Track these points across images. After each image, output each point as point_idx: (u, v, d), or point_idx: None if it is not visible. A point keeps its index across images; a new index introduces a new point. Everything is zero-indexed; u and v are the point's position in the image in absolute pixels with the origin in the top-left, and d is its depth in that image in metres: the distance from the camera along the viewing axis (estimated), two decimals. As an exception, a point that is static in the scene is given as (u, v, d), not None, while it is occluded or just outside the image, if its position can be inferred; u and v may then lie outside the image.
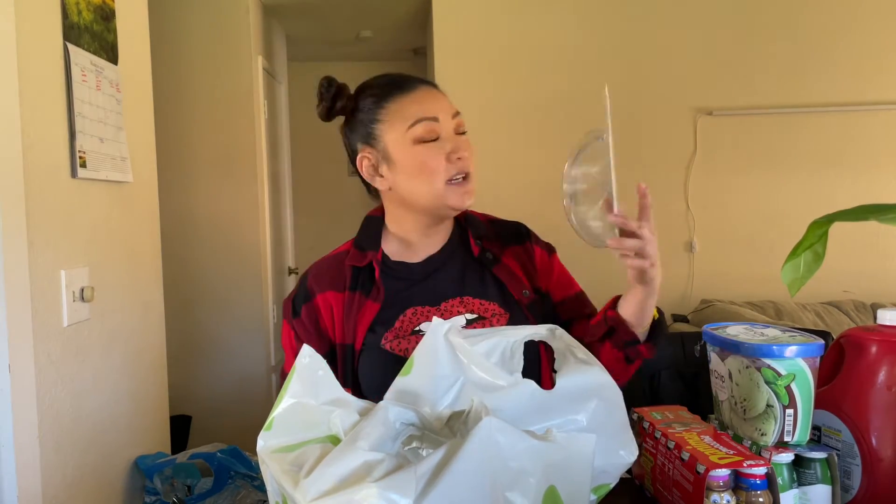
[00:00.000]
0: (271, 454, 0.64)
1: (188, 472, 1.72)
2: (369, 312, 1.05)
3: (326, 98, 1.07)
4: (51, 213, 1.38)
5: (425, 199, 1.05)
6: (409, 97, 1.05)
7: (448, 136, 1.04)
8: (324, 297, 1.07)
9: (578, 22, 3.36)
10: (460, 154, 1.02)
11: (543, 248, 1.16)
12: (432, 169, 1.02)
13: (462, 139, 1.05)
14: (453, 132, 1.05)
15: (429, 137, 1.02)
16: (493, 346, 0.78)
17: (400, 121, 1.03)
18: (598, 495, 0.74)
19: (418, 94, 1.05)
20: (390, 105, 1.05)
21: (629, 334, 0.98)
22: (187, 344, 3.15)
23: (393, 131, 1.04)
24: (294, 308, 1.09)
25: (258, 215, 3.26)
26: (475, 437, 0.58)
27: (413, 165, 1.03)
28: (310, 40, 4.36)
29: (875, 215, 0.66)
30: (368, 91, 1.08)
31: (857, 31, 3.31)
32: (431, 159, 1.02)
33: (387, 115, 1.05)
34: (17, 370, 1.24)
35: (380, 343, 1.03)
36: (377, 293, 1.06)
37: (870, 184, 3.33)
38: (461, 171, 1.03)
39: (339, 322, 1.06)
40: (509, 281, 1.09)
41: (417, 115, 1.03)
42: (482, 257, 1.10)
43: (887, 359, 0.83)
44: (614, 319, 0.99)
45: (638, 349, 0.99)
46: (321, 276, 1.10)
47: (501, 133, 3.24)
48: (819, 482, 0.82)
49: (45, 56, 1.38)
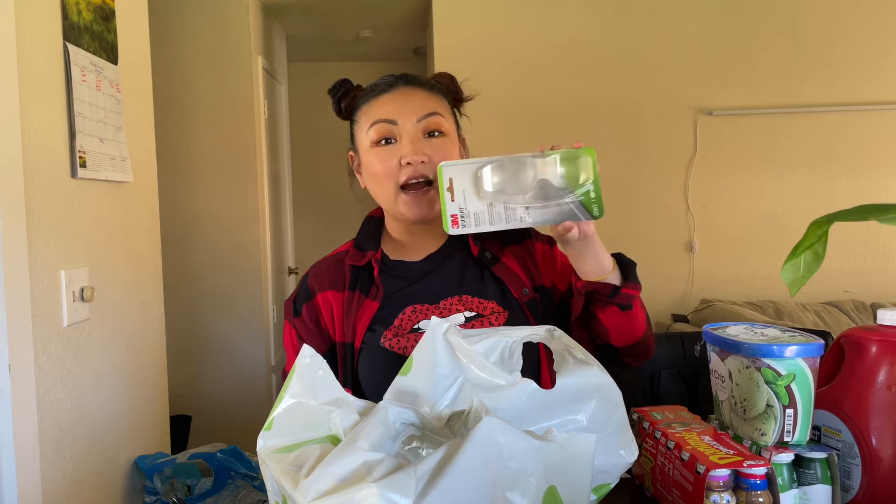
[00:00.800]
0: (271, 454, 0.64)
1: (188, 472, 1.72)
2: (368, 311, 1.05)
3: (334, 98, 1.11)
4: (51, 213, 1.38)
5: (383, 203, 1.07)
6: (379, 100, 1.06)
7: (409, 139, 1.02)
8: (324, 297, 1.08)
9: (578, 22, 3.36)
10: (410, 158, 1.00)
11: (545, 242, 1.14)
12: (381, 173, 1.03)
13: (427, 142, 1.03)
14: (420, 135, 1.03)
15: (382, 139, 1.03)
16: (492, 346, 0.78)
17: (365, 123, 1.06)
18: (598, 495, 0.74)
19: (389, 97, 1.06)
20: (363, 107, 1.07)
21: (606, 287, 0.95)
22: (187, 344, 3.15)
23: (360, 133, 1.07)
24: (295, 307, 1.10)
25: (258, 215, 3.26)
26: (475, 437, 0.58)
27: (371, 168, 1.05)
28: (310, 40, 4.36)
29: (875, 215, 0.66)
30: (359, 93, 1.10)
31: (857, 31, 3.31)
32: (380, 163, 1.03)
33: (359, 117, 1.08)
34: (17, 370, 1.24)
35: (379, 341, 1.03)
36: (376, 292, 1.06)
37: (870, 184, 3.33)
38: (413, 176, 1.01)
39: (338, 321, 1.06)
40: (509, 280, 1.08)
41: (374, 117, 1.04)
42: (482, 256, 1.10)
43: (887, 359, 0.83)
44: (585, 285, 0.96)
45: (622, 292, 0.96)
46: (321, 275, 1.10)
47: (501, 133, 3.24)
48: (819, 482, 0.82)
49: (45, 56, 1.38)
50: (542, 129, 3.36)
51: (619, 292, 0.96)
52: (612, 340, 1.01)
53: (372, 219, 1.16)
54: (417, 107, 1.04)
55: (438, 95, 1.08)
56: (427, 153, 1.01)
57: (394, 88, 1.06)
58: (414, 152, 1.01)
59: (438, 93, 1.09)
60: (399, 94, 1.06)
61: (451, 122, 1.08)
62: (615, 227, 0.98)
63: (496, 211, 0.88)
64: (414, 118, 1.03)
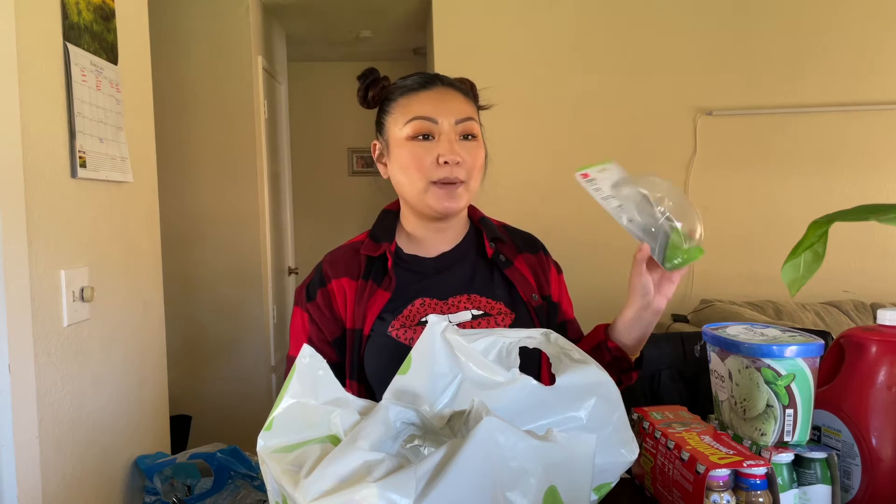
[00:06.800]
0: (271, 454, 0.64)
1: (188, 472, 1.72)
2: (380, 300, 1.07)
3: (362, 85, 1.12)
4: (51, 213, 1.38)
5: (410, 194, 1.08)
6: (418, 96, 1.07)
7: (446, 138, 1.04)
8: (339, 283, 1.10)
9: (578, 22, 3.36)
10: (448, 158, 1.03)
11: (555, 266, 1.19)
12: (417, 167, 1.04)
13: (462, 144, 1.05)
14: (456, 136, 1.05)
15: (419, 135, 1.04)
16: (490, 345, 0.78)
17: (401, 116, 1.07)
18: (599, 494, 0.74)
19: (429, 94, 1.07)
20: (400, 100, 1.09)
21: (627, 363, 1.04)
22: (187, 344, 3.15)
23: (395, 125, 1.08)
24: (308, 293, 1.12)
25: (258, 215, 3.26)
26: (475, 436, 0.58)
27: (402, 160, 1.06)
28: (310, 40, 4.36)
29: (875, 215, 0.66)
30: (392, 86, 1.12)
31: (857, 31, 3.31)
32: (418, 157, 1.04)
33: (394, 109, 1.09)
34: (17, 370, 1.24)
35: (387, 330, 1.05)
36: (388, 283, 1.08)
37: (869, 184, 3.33)
38: (448, 178, 1.04)
39: (350, 307, 1.08)
40: (519, 283, 1.11)
41: (415, 113, 1.05)
42: (495, 258, 1.13)
43: (887, 359, 0.83)
44: (617, 350, 1.03)
45: (630, 375, 1.05)
46: (336, 262, 1.13)
47: (501, 133, 3.24)
48: (819, 482, 0.82)
49: (45, 56, 1.38)
50: (543, 129, 3.37)
51: (630, 372, 1.05)
52: None
53: (389, 212, 1.18)
54: (456, 109, 1.06)
55: (471, 100, 1.12)
56: (462, 155, 1.04)
57: (433, 86, 1.09)
58: (452, 152, 1.03)
59: (470, 97, 1.12)
60: (438, 93, 1.08)
61: (479, 128, 1.11)
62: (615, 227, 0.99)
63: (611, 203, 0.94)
64: (453, 119, 1.05)
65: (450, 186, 1.04)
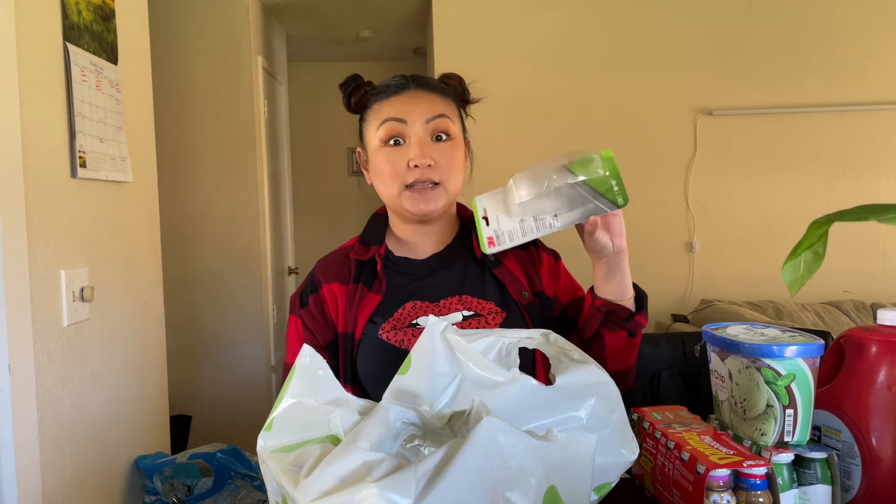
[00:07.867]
0: (271, 454, 0.64)
1: (188, 472, 1.72)
2: (371, 303, 1.07)
3: (344, 93, 1.13)
4: (51, 213, 1.38)
5: (388, 199, 1.09)
6: (390, 100, 1.07)
7: (417, 140, 1.04)
8: (329, 288, 1.10)
9: (578, 22, 3.36)
10: (417, 162, 1.02)
11: (550, 255, 1.18)
12: (390, 173, 1.05)
13: (434, 146, 1.05)
14: (428, 137, 1.05)
15: (391, 138, 1.05)
16: (490, 345, 0.78)
17: (375, 121, 1.07)
18: (599, 494, 0.74)
19: (400, 98, 1.07)
20: (374, 106, 1.09)
21: (624, 310, 1.01)
22: (187, 344, 3.15)
23: (369, 131, 1.09)
24: (301, 300, 1.12)
25: (258, 215, 3.26)
26: (475, 436, 0.58)
27: (378, 167, 1.07)
28: (310, 40, 4.36)
29: (875, 215, 0.66)
30: (370, 92, 1.12)
31: (857, 31, 3.31)
32: (391, 163, 1.04)
33: (369, 116, 1.09)
34: (17, 370, 1.24)
35: (377, 333, 1.05)
36: (379, 286, 1.08)
37: (870, 184, 3.33)
38: (420, 180, 1.03)
39: (342, 312, 1.09)
40: (509, 282, 1.10)
41: (385, 116, 1.06)
42: (484, 258, 1.12)
43: (887, 359, 0.83)
44: (604, 304, 1.01)
45: (636, 319, 1.01)
46: (327, 268, 1.13)
47: (501, 133, 3.24)
48: (819, 482, 0.82)
49: (45, 56, 1.38)
50: (543, 129, 3.37)
51: (633, 318, 1.01)
52: (607, 363, 1.04)
53: (378, 216, 1.19)
54: (426, 108, 1.06)
55: (447, 98, 1.10)
56: (434, 157, 1.03)
57: (405, 91, 1.08)
58: (422, 155, 1.02)
59: (447, 95, 1.11)
60: (409, 96, 1.07)
61: (458, 126, 1.10)
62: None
63: (527, 224, 0.93)
64: (423, 119, 1.04)
65: (424, 189, 1.04)
